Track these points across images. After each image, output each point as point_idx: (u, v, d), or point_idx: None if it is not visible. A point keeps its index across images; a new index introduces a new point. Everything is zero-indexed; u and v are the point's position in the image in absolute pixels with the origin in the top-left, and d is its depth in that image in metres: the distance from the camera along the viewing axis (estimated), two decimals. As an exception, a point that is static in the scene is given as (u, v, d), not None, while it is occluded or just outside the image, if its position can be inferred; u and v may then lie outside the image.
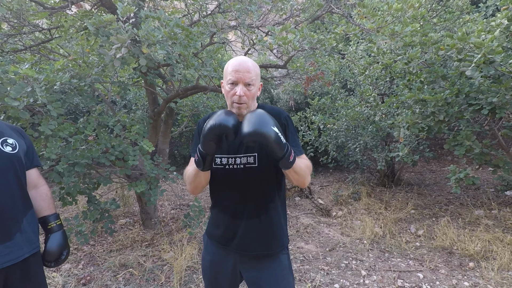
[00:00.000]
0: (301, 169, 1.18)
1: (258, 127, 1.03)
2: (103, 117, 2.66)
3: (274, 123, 1.07)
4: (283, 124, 1.27)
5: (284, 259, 1.34)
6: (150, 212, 3.73)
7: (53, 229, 1.47)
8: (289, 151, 1.09)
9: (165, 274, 2.73)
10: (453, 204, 4.25)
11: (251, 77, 1.20)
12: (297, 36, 1.91)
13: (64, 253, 1.49)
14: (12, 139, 1.33)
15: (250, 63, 1.23)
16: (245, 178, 1.27)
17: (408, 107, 2.75)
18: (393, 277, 2.66)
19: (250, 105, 1.23)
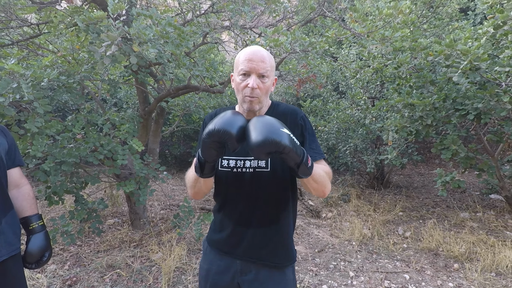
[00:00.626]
0: (320, 177, 1.04)
1: (268, 134, 0.87)
2: (92, 115, 2.62)
3: (283, 125, 0.92)
4: (300, 124, 1.13)
5: (289, 272, 1.21)
6: (139, 212, 3.69)
7: (35, 229, 1.43)
8: (306, 157, 0.95)
9: (153, 275, 2.70)
10: (440, 206, 4.34)
11: (266, 67, 1.06)
12: (288, 39, 1.92)
13: (46, 254, 1.45)
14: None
15: (265, 52, 1.09)
16: (255, 184, 1.14)
17: (397, 111, 2.80)
18: (380, 278, 2.69)
19: (262, 100, 1.10)
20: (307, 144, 1.11)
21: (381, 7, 1.94)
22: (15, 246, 1.35)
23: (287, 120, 1.13)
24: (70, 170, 2.38)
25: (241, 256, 1.18)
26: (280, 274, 1.19)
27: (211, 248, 1.26)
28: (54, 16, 2.68)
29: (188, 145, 6.65)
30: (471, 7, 5.66)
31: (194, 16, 3.35)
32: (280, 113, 1.16)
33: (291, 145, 0.88)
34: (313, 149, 1.12)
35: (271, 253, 1.17)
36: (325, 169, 1.09)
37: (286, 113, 1.15)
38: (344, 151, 4.25)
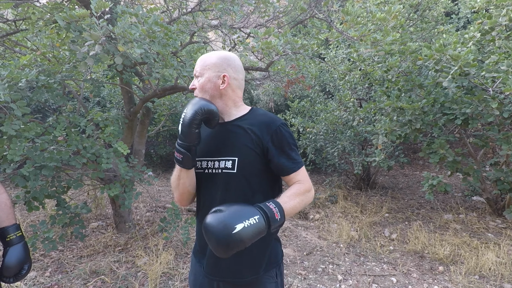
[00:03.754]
0: (295, 209, 1.06)
1: (225, 241, 0.89)
2: (75, 117, 2.50)
3: (234, 218, 0.91)
4: (271, 134, 1.11)
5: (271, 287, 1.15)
6: (124, 215, 3.58)
7: (12, 241, 1.34)
8: (271, 218, 0.96)
9: (139, 281, 2.62)
10: (424, 208, 4.42)
11: (195, 68, 1.18)
12: (280, 41, 1.88)
13: (25, 267, 1.36)
14: None
15: (204, 56, 1.19)
16: (223, 186, 1.13)
17: (386, 114, 2.81)
18: (368, 281, 2.71)
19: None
20: (284, 154, 1.12)
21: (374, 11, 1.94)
22: None
23: (266, 127, 1.13)
24: (51, 174, 2.27)
25: (205, 268, 1.16)
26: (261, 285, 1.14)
27: (194, 257, 1.25)
28: (32, 13, 2.55)
29: (174, 145, 6.53)
30: (454, 11, 5.79)
31: (180, 14, 3.27)
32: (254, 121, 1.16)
33: (250, 234, 0.90)
34: (291, 159, 1.12)
35: (233, 266, 1.12)
36: (300, 188, 1.10)
37: (261, 121, 1.15)
38: (332, 152, 4.26)
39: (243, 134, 1.14)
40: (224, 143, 1.17)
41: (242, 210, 0.95)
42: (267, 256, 1.15)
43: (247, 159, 1.12)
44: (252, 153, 1.11)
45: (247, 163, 1.11)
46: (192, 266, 1.26)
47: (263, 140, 1.11)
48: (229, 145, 1.15)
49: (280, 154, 1.12)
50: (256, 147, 1.11)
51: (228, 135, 1.18)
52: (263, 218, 0.94)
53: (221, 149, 1.16)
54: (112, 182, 2.82)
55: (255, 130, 1.13)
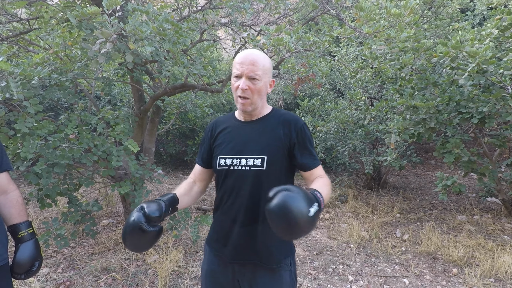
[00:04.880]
0: (327, 198, 1.08)
1: (301, 224, 0.87)
2: (86, 115, 2.52)
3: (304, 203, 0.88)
4: (297, 131, 1.18)
5: (286, 275, 1.21)
6: (134, 212, 3.60)
7: (24, 238, 1.35)
8: (320, 206, 0.94)
9: (149, 279, 2.63)
10: (437, 208, 4.33)
11: (255, 70, 1.13)
12: (292, 38, 1.85)
13: (36, 264, 1.37)
14: None
15: (256, 55, 1.16)
16: (250, 182, 1.18)
17: (399, 113, 2.75)
18: (380, 282, 2.66)
19: (255, 102, 1.17)
20: (307, 150, 1.20)
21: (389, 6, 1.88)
22: (2, 256, 1.27)
23: (293, 124, 1.20)
24: (63, 172, 2.29)
25: (228, 256, 1.22)
26: (275, 277, 1.20)
27: (209, 248, 1.31)
28: (45, 11, 2.57)
29: (184, 143, 6.56)
30: (470, 8, 5.64)
31: (190, 12, 3.26)
32: (279, 119, 1.22)
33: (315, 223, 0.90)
34: (313, 156, 1.21)
35: (258, 252, 1.19)
36: (325, 181, 1.16)
37: (284, 119, 1.22)
38: (343, 152, 4.20)
39: (271, 132, 1.21)
40: (252, 141, 1.21)
41: (307, 195, 0.92)
42: (288, 244, 1.24)
43: (275, 158, 1.17)
44: (280, 151, 1.18)
45: (275, 161, 1.17)
46: (206, 257, 1.32)
47: (291, 137, 1.18)
48: (257, 143, 1.20)
49: (304, 151, 1.19)
50: (283, 145, 1.18)
51: (256, 133, 1.23)
52: (318, 205, 0.93)
53: (249, 147, 1.20)
54: (123, 180, 2.84)
55: (282, 127, 1.20)
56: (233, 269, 1.23)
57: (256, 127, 1.23)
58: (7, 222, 1.35)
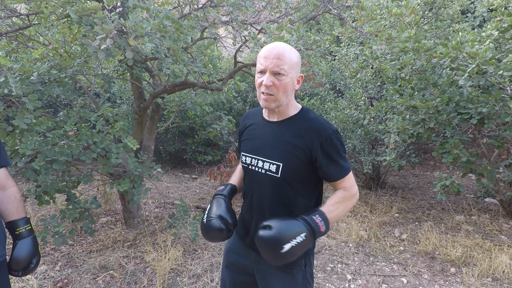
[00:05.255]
0: (339, 216, 1.16)
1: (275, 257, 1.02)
2: (85, 111, 2.51)
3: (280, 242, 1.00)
4: (321, 142, 1.10)
5: (299, 276, 1.20)
6: (133, 211, 3.60)
7: (22, 234, 1.34)
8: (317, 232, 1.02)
9: (148, 277, 2.63)
10: (435, 208, 4.34)
11: (281, 65, 1.04)
12: (293, 36, 1.85)
13: (33, 261, 1.36)
14: None
15: (282, 49, 1.07)
16: (264, 186, 1.19)
17: (399, 113, 2.76)
18: (378, 281, 2.67)
19: (279, 99, 1.09)
20: (333, 162, 1.12)
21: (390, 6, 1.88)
22: (0, 253, 1.27)
23: (318, 134, 1.11)
24: (61, 169, 2.28)
25: (249, 245, 1.26)
26: (287, 275, 1.20)
27: (235, 231, 1.35)
28: (44, 7, 2.56)
29: (183, 141, 6.55)
30: (470, 9, 5.65)
31: (191, 10, 3.25)
32: (306, 126, 1.13)
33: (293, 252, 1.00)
34: (340, 167, 1.13)
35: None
36: (345, 196, 1.14)
37: (311, 127, 1.12)
38: (342, 151, 4.20)
39: (292, 138, 1.14)
40: (271, 145, 1.18)
41: (290, 228, 1.02)
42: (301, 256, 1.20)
43: (291, 166, 1.13)
44: (296, 160, 1.12)
45: (291, 169, 1.13)
46: (232, 238, 1.37)
47: (312, 149, 1.11)
48: (275, 149, 1.16)
49: (329, 162, 1.11)
50: (302, 155, 1.11)
51: (277, 136, 1.17)
52: (309, 234, 1.01)
53: (267, 151, 1.18)
54: (122, 178, 2.82)
55: (304, 137, 1.12)
56: (252, 258, 1.27)
57: (278, 130, 1.17)
58: (5, 219, 1.34)
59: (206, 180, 5.86)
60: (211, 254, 3.04)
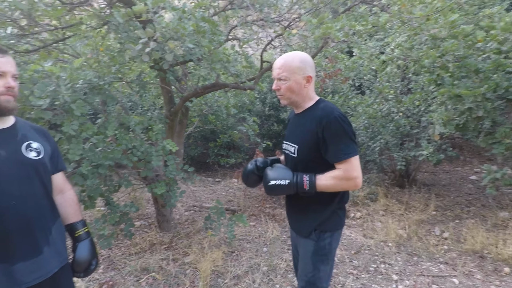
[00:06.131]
0: (328, 187, 1.33)
1: (264, 187, 1.42)
2: (124, 117, 2.55)
3: (269, 178, 1.39)
4: (322, 127, 1.32)
5: (309, 244, 1.45)
6: (166, 214, 3.62)
7: (81, 237, 1.35)
8: (299, 185, 1.33)
9: (189, 279, 2.62)
10: (474, 205, 4.15)
11: (280, 72, 1.37)
12: (336, 26, 1.81)
13: (93, 262, 1.38)
14: (36, 143, 1.21)
15: (283, 59, 1.39)
16: (289, 165, 1.48)
17: (441, 103, 2.65)
18: (427, 282, 2.55)
19: (288, 97, 1.43)
20: (332, 145, 1.32)
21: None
22: (64, 256, 1.28)
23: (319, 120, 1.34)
24: (105, 173, 2.31)
25: (290, 224, 1.64)
26: (305, 243, 1.48)
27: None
28: (80, 18, 2.62)
29: (205, 145, 6.57)
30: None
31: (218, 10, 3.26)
32: (315, 114, 1.39)
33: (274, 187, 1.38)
34: (339, 150, 1.31)
35: (295, 222, 1.58)
36: (336, 175, 1.32)
37: (317, 115, 1.37)
38: (374, 148, 4.09)
39: (305, 125, 1.42)
40: (293, 131, 1.52)
41: (281, 173, 1.38)
42: (316, 221, 1.44)
43: (304, 147, 1.41)
44: (309, 142, 1.38)
45: (304, 150, 1.41)
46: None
47: (317, 133, 1.34)
48: (295, 134, 1.49)
49: (329, 145, 1.32)
50: (313, 137, 1.36)
51: (297, 125, 1.50)
52: (292, 183, 1.34)
53: (290, 136, 1.52)
54: (155, 182, 2.84)
55: (313, 123, 1.37)
56: (294, 233, 1.62)
57: (299, 120, 1.49)
58: (64, 221, 1.35)
59: (230, 183, 5.85)
60: (249, 256, 3.01)
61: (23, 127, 1.21)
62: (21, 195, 1.10)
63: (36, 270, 1.12)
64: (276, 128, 6.10)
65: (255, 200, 4.67)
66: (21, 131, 1.19)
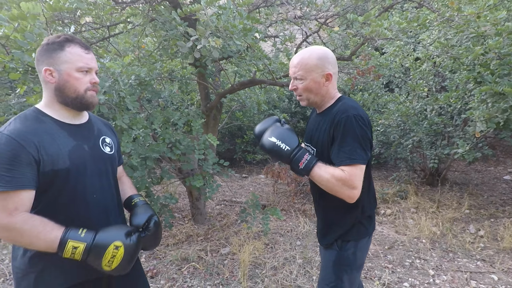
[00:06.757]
0: (321, 180, 1.20)
1: (260, 141, 1.31)
2: (168, 111, 2.67)
3: (274, 134, 1.25)
4: (334, 125, 1.21)
5: (331, 254, 1.37)
6: (200, 207, 3.74)
7: (137, 203, 1.31)
8: (295, 160, 1.21)
9: (228, 268, 2.72)
10: (510, 205, 4.05)
11: (296, 71, 1.26)
12: (384, 24, 1.84)
13: (153, 218, 1.25)
14: (109, 138, 1.25)
15: (298, 57, 1.27)
16: None
17: (482, 101, 2.62)
18: (465, 277, 2.54)
19: (306, 97, 1.31)
20: (337, 145, 1.20)
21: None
22: None
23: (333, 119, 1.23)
24: (152, 165, 2.43)
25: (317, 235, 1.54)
26: (326, 252, 1.41)
27: None
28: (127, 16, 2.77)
29: (232, 142, 6.69)
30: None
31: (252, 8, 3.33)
32: (331, 113, 1.27)
33: (272, 147, 1.24)
34: (344, 152, 1.18)
35: (318, 231, 1.49)
36: (334, 172, 1.17)
37: (337, 111, 1.24)
38: (406, 145, 4.06)
39: (323, 126, 1.32)
40: (313, 132, 1.40)
41: (288, 137, 1.25)
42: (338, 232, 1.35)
43: (322, 149, 1.31)
44: (326, 144, 1.28)
45: (323, 152, 1.30)
46: None
47: (329, 132, 1.25)
48: (314, 136, 1.38)
49: (335, 145, 1.22)
50: (328, 138, 1.26)
51: (317, 126, 1.38)
52: (291, 155, 1.22)
53: (311, 137, 1.41)
54: (190, 175, 2.95)
55: (328, 123, 1.27)
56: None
57: (319, 120, 1.36)
58: (123, 198, 1.35)
59: (257, 178, 5.94)
60: (283, 249, 3.08)
61: (96, 122, 1.26)
62: (101, 188, 1.15)
63: None
64: (302, 125, 6.14)
65: (283, 195, 4.73)
66: (96, 125, 1.23)
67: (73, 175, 1.03)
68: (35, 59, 1.05)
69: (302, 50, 1.30)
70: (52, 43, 1.02)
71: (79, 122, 1.14)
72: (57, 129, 1.04)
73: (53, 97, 1.05)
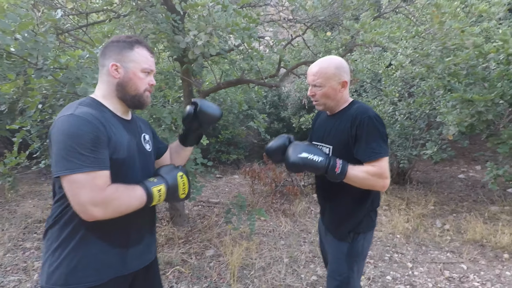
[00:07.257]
0: (357, 179, 1.29)
1: (286, 161, 1.33)
2: (157, 109, 2.55)
3: (302, 150, 1.30)
4: (356, 125, 1.32)
5: (343, 246, 1.45)
6: (179, 208, 3.62)
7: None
8: (331, 167, 1.27)
9: (215, 270, 2.67)
10: (467, 201, 4.48)
11: (315, 79, 1.38)
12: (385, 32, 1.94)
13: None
14: (147, 135, 1.25)
15: (318, 66, 1.38)
16: None
17: (452, 106, 2.88)
18: (439, 268, 2.77)
19: (323, 103, 1.43)
20: (363, 143, 1.31)
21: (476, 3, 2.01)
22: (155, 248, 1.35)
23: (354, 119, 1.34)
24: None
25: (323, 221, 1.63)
26: (338, 244, 1.48)
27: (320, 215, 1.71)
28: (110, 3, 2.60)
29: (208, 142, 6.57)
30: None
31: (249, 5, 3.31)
32: (349, 114, 1.39)
33: (305, 162, 1.28)
34: (371, 148, 1.30)
35: (330, 224, 1.55)
36: (368, 169, 1.29)
37: (351, 114, 1.37)
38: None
39: (339, 126, 1.43)
40: (327, 132, 1.49)
41: (314, 149, 1.32)
42: (351, 224, 1.44)
43: (339, 148, 1.41)
44: (343, 142, 1.39)
45: (339, 150, 1.40)
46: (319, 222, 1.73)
47: (350, 132, 1.35)
48: (329, 135, 1.48)
49: (360, 144, 1.33)
50: (347, 137, 1.37)
51: (331, 126, 1.48)
52: (325, 163, 1.28)
53: (324, 137, 1.50)
54: None
55: (347, 122, 1.37)
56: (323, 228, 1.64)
57: (333, 121, 1.47)
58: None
59: (232, 179, 5.90)
60: (268, 249, 3.09)
61: (137, 119, 1.25)
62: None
63: (139, 257, 1.15)
64: (276, 126, 6.22)
65: (260, 196, 4.75)
66: (138, 122, 1.23)
67: (126, 167, 1.06)
68: (101, 53, 1.08)
69: (320, 60, 1.41)
70: (122, 42, 1.07)
71: (128, 118, 1.17)
72: (115, 121, 1.07)
73: (113, 91, 1.08)
